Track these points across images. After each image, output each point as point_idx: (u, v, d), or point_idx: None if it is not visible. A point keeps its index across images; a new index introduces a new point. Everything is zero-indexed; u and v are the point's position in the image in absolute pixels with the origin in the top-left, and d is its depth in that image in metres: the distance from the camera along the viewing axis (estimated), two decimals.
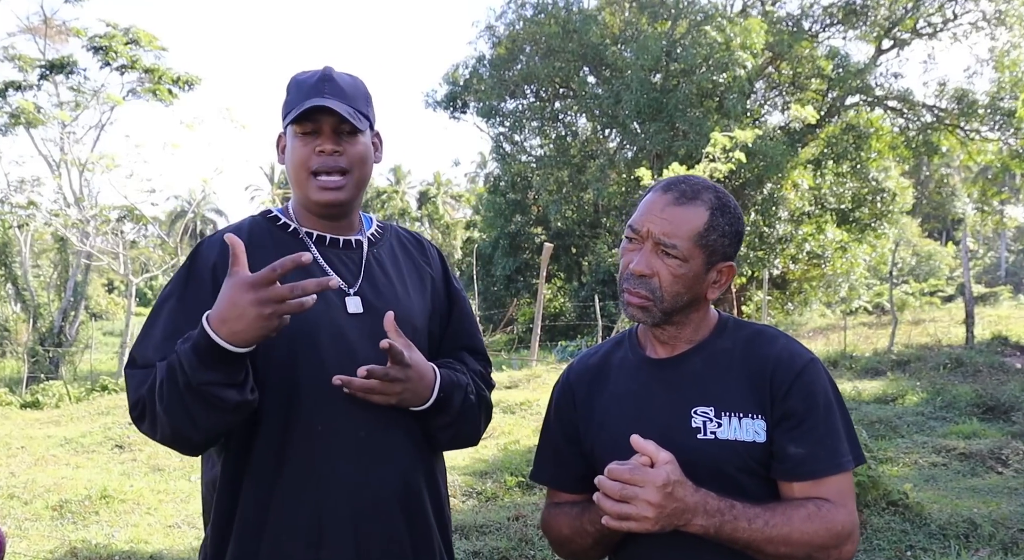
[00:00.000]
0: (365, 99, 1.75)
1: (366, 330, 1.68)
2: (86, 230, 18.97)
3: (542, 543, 4.65)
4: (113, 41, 20.56)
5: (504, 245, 25.27)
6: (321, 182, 1.69)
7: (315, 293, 1.48)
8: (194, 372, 1.48)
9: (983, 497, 5.64)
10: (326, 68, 1.73)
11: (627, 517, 1.36)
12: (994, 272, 45.06)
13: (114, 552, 4.71)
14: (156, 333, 1.64)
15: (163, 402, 1.52)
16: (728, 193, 1.60)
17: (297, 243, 1.74)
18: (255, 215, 1.82)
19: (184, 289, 1.68)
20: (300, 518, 1.62)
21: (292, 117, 1.67)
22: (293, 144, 1.72)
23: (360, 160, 1.72)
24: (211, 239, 1.75)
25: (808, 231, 22.54)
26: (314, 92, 1.68)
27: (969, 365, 10.93)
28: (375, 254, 1.81)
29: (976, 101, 22.50)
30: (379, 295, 1.74)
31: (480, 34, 25.72)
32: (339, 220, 1.77)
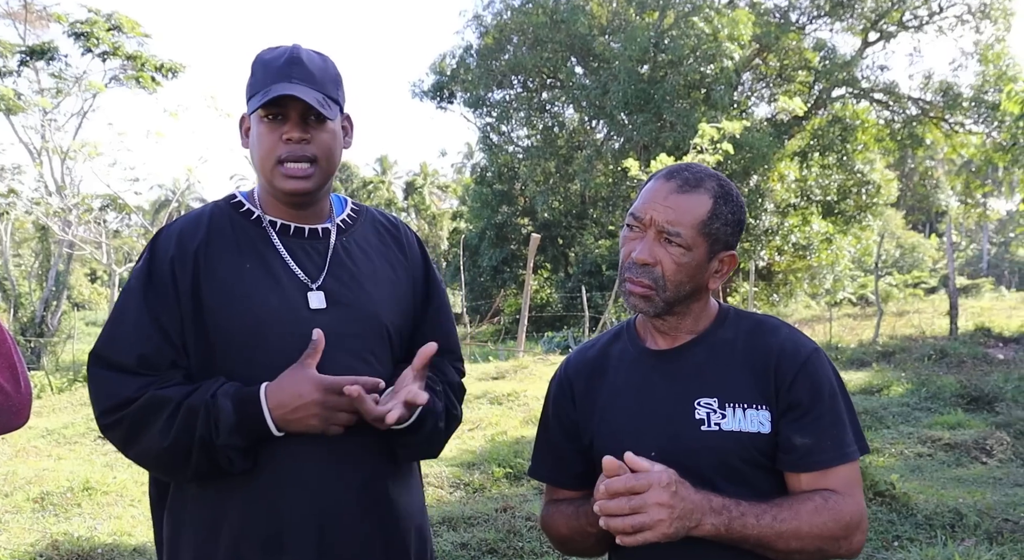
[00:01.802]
0: (335, 82, 1.66)
1: (328, 327, 1.59)
2: (68, 219, 18.76)
3: (530, 534, 4.63)
4: (95, 27, 20.32)
5: (491, 236, 25.24)
6: (287, 170, 1.60)
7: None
8: (228, 434, 1.49)
9: (968, 487, 5.67)
10: (294, 47, 1.64)
11: (641, 527, 1.32)
12: (976, 264, 45.45)
13: (97, 545, 4.65)
14: (124, 332, 1.58)
15: (167, 439, 1.50)
16: (730, 181, 1.57)
17: (259, 232, 1.66)
18: (218, 201, 1.73)
19: (145, 286, 1.60)
20: (259, 523, 1.56)
21: (257, 104, 1.58)
22: (258, 130, 1.62)
23: (328, 148, 1.64)
24: (167, 231, 1.67)
25: (794, 223, 22.63)
26: (281, 76, 1.59)
27: (953, 356, 11.01)
28: (344, 243, 1.71)
29: (961, 94, 22.65)
30: (344, 289, 1.65)
31: (467, 23, 25.68)
32: (305, 208, 1.68)
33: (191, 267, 1.59)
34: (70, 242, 19.54)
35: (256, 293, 1.59)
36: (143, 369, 1.54)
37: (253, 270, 1.61)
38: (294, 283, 1.62)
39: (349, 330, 1.61)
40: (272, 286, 1.61)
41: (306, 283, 1.63)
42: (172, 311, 1.57)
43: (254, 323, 1.57)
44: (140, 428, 1.52)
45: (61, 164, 20.33)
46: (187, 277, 1.59)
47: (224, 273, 1.60)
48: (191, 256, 1.60)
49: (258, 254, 1.63)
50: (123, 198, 19.12)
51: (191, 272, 1.59)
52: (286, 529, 1.56)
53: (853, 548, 1.46)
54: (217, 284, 1.59)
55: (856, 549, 1.47)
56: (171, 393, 1.52)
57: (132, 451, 1.56)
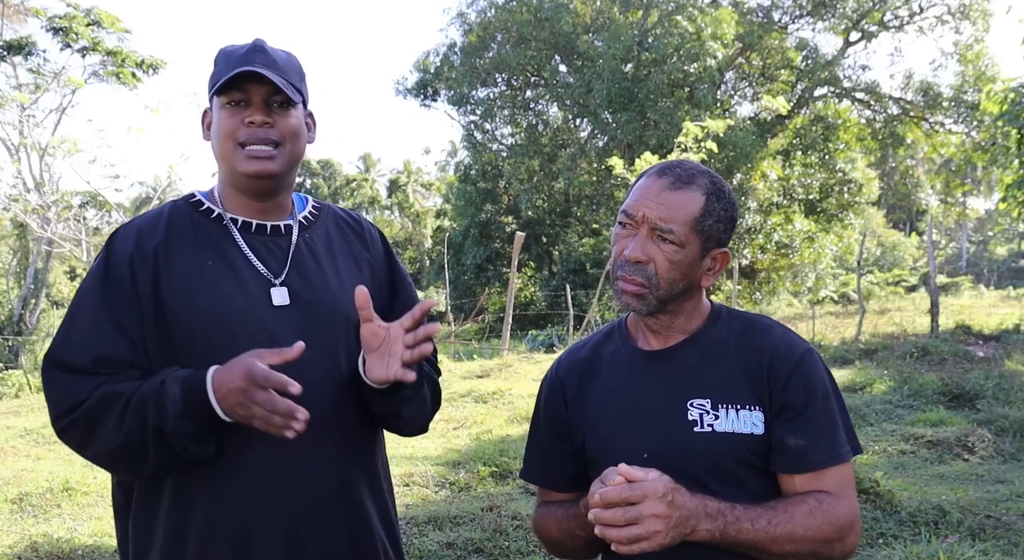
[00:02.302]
0: (299, 75, 1.63)
1: (292, 323, 1.56)
2: (47, 216, 18.59)
3: (516, 533, 4.61)
4: (74, 22, 20.11)
5: (475, 234, 25.21)
6: (250, 151, 1.56)
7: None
8: (177, 420, 1.44)
9: (951, 484, 5.71)
10: (257, 39, 1.61)
11: (637, 538, 1.30)
12: (955, 263, 45.91)
13: (77, 546, 4.59)
14: (80, 333, 1.54)
15: (121, 432, 1.46)
16: (722, 178, 1.55)
17: (220, 230, 1.62)
18: (177, 200, 1.69)
19: (103, 286, 1.56)
20: (226, 525, 1.53)
21: (220, 84, 1.54)
22: (220, 116, 1.58)
23: (293, 133, 1.59)
24: (125, 230, 1.63)
25: (776, 221, 22.75)
26: (243, 62, 1.55)
27: (934, 354, 11.09)
28: (307, 239, 1.68)
29: (941, 94, 22.86)
30: (308, 285, 1.62)
31: (451, 21, 25.67)
32: (268, 199, 1.64)
33: (151, 266, 1.56)
34: (49, 239, 19.35)
35: (218, 290, 1.56)
36: (100, 370, 1.51)
37: (214, 267, 1.58)
38: (257, 279, 1.59)
39: (313, 326, 1.58)
40: (234, 283, 1.57)
41: (269, 279, 1.60)
42: (132, 310, 1.54)
43: (217, 321, 1.53)
44: (95, 426, 1.48)
45: (40, 160, 20.12)
46: (147, 276, 1.56)
47: (185, 271, 1.57)
48: (150, 255, 1.57)
49: (220, 251, 1.60)
50: (103, 195, 18.96)
51: (151, 271, 1.56)
52: (254, 534, 1.53)
53: (847, 549, 1.45)
54: (178, 283, 1.56)
55: (849, 550, 1.46)
56: (123, 388, 1.48)
57: (90, 451, 1.52)
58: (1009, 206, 13.29)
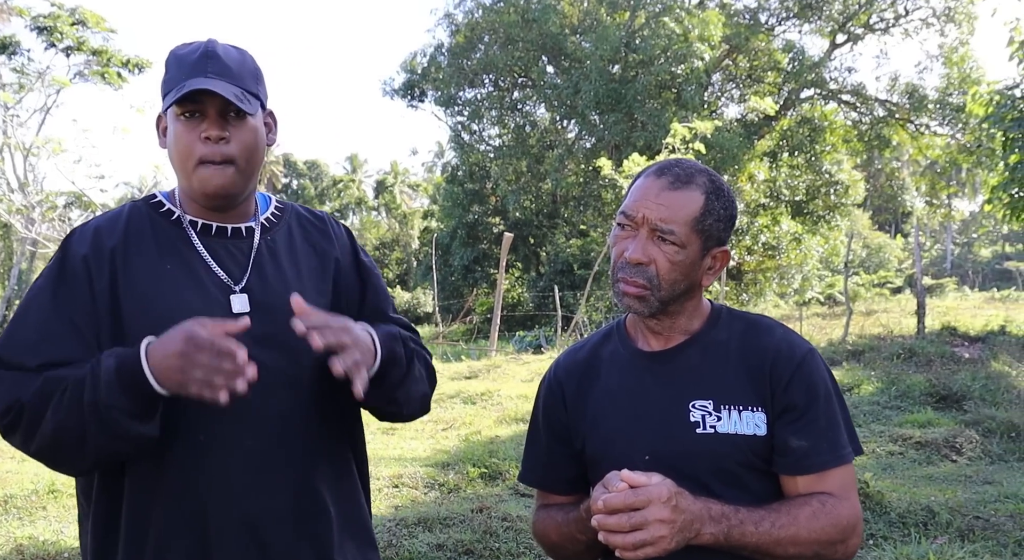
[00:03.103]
0: (254, 76, 1.59)
1: (252, 331, 1.47)
2: (31, 216, 18.43)
3: (507, 535, 4.59)
4: (58, 21, 19.97)
5: (462, 235, 25.18)
6: (207, 173, 1.52)
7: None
8: (109, 393, 1.38)
9: (939, 485, 5.73)
10: (209, 42, 1.57)
11: (642, 544, 1.29)
12: (940, 264, 46.24)
13: (63, 549, 4.54)
14: (27, 332, 1.50)
15: (58, 415, 1.41)
16: (720, 176, 1.54)
17: (179, 233, 1.59)
18: (136, 201, 1.66)
19: (56, 284, 1.53)
20: (183, 534, 1.50)
21: (172, 100, 1.50)
22: (175, 128, 1.54)
23: (250, 146, 1.56)
24: (83, 230, 1.60)
25: (763, 223, 22.82)
26: (196, 70, 1.51)
27: (921, 355, 11.13)
28: (268, 242, 1.64)
29: (926, 96, 23.01)
30: (268, 291, 1.58)
31: (439, 22, 25.60)
32: (226, 210, 1.61)
33: (107, 267, 1.53)
34: (33, 240, 19.18)
35: (176, 296, 1.52)
36: (44, 370, 1.46)
37: (173, 271, 1.55)
38: (216, 285, 1.56)
39: (274, 332, 1.53)
40: (193, 289, 1.54)
41: (229, 285, 1.57)
42: (86, 309, 1.51)
43: (172, 327, 1.48)
44: (35, 419, 1.43)
45: (24, 160, 19.95)
46: (103, 277, 1.52)
47: (143, 275, 1.54)
48: (107, 256, 1.54)
49: (179, 255, 1.57)
50: (88, 195, 18.82)
51: (107, 272, 1.53)
52: (213, 537, 1.50)
53: (849, 551, 1.44)
54: (135, 286, 1.52)
55: (852, 551, 1.45)
56: (66, 372, 1.43)
57: (33, 445, 1.46)
58: (994, 208, 13.37)
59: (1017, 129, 11.92)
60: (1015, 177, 12.23)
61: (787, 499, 1.45)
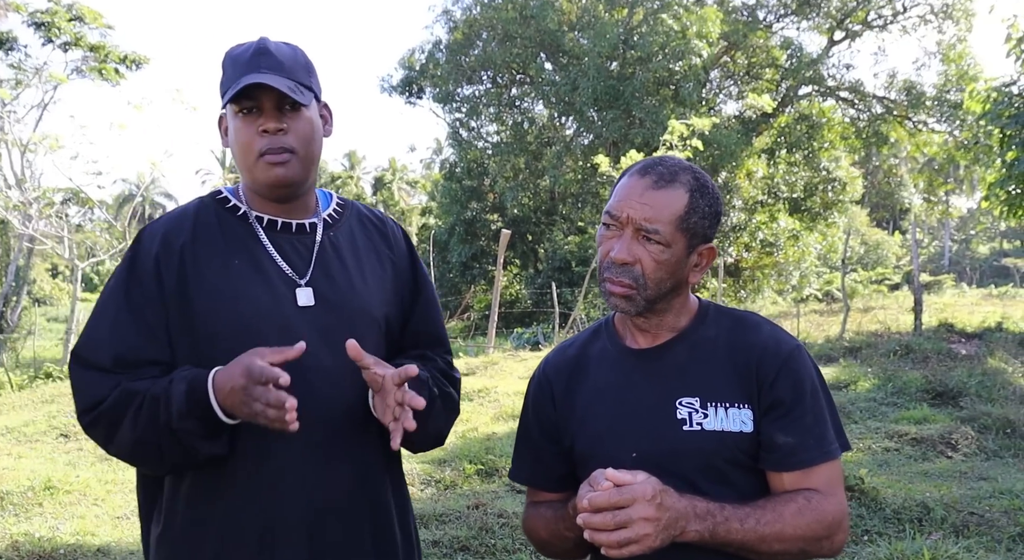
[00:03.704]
0: (306, 69, 1.63)
1: (317, 324, 1.57)
2: (28, 213, 18.40)
3: (502, 532, 4.60)
4: (55, 17, 19.93)
5: (460, 232, 25.17)
6: (267, 160, 1.57)
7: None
8: (180, 419, 1.45)
9: (934, 481, 5.74)
10: (261, 39, 1.61)
11: (627, 542, 1.29)
12: (938, 261, 46.26)
13: (59, 545, 4.55)
14: (102, 332, 1.56)
15: (136, 430, 1.49)
16: (705, 173, 1.54)
17: (246, 227, 1.63)
18: (204, 197, 1.71)
19: (128, 284, 1.58)
20: (248, 522, 1.54)
21: (229, 96, 1.55)
22: (235, 125, 1.60)
23: (307, 137, 1.60)
24: (152, 227, 1.65)
25: (761, 220, 22.83)
26: (250, 67, 1.56)
27: (918, 352, 11.15)
28: (331, 238, 1.68)
29: (924, 93, 23.01)
30: (333, 285, 1.63)
31: (437, 19, 25.63)
32: (291, 201, 1.65)
33: (176, 265, 1.57)
34: (30, 236, 19.16)
35: (244, 290, 1.57)
36: (119, 369, 1.53)
37: (241, 267, 1.59)
38: (282, 280, 1.60)
39: (337, 326, 1.59)
40: (260, 283, 1.59)
41: (294, 279, 1.61)
42: (157, 308, 1.56)
43: (242, 321, 1.55)
44: (114, 424, 1.51)
45: (21, 157, 19.92)
46: (172, 275, 1.57)
47: (211, 271, 1.58)
48: (177, 254, 1.58)
49: (246, 250, 1.61)
50: (85, 192, 18.79)
51: (176, 270, 1.57)
52: (277, 529, 1.54)
53: (835, 547, 1.44)
54: (204, 282, 1.57)
55: (838, 548, 1.45)
56: (140, 386, 1.50)
57: (113, 447, 1.55)
58: (991, 205, 13.38)
59: (1014, 126, 11.93)
60: (1012, 174, 12.23)
61: (773, 496, 1.45)
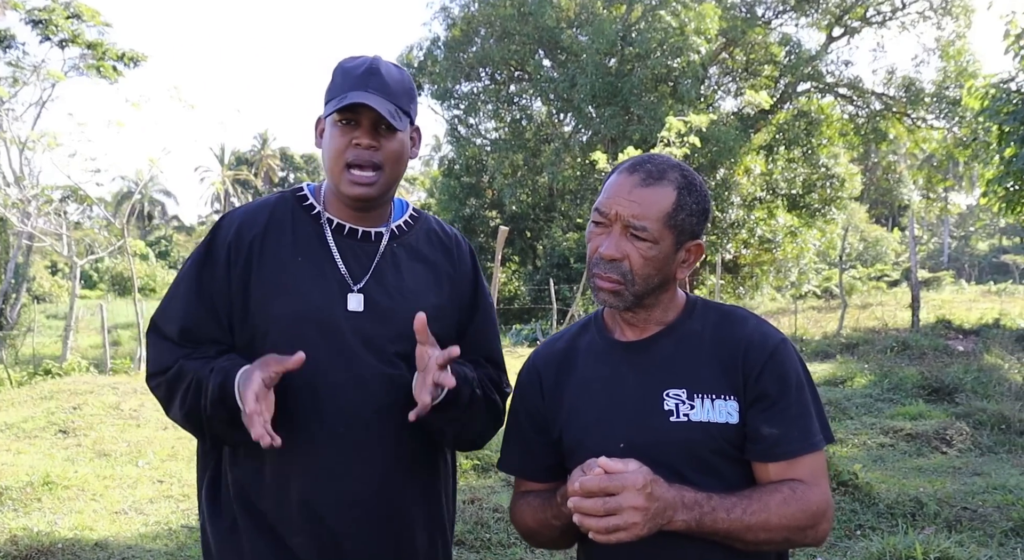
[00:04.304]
0: (409, 95, 1.72)
1: (362, 330, 1.65)
2: (27, 210, 18.40)
3: (497, 526, 4.63)
4: (53, 14, 19.91)
5: (458, 229, 24.99)
6: (353, 176, 1.67)
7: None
8: (212, 407, 1.58)
9: (928, 477, 5.76)
10: (375, 59, 1.71)
11: (615, 529, 1.32)
12: (937, 257, 46.29)
13: (57, 540, 4.57)
14: (175, 306, 1.70)
15: (184, 406, 1.63)
16: (693, 170, 1.57)
17: (316, 228, 1.72)
18: (285, 191, 1.81)
19: (201, 267, 1.70)
20: (276, 505, 1.65)
21: (333, 109, 1.65)
22: (331, 132, 1.69)
23: (395, 158, 1.70)
24: (230, 217, 1.76)
25: (759, 216, 22.83)
26: (359, 84, 1.65)
27: (915, 348, 11.18)
28: (394, 249, 1.76)
29: (923, 90, 22.98)
30: (383, 294, 1.70)
31: (435, 15, 25.54)
32: (366, 211, 1.74)
33: (245, 255, 1.68)
34: (29, 234, 19.17)
35: (300, 287, 1.66)
36: (184, 341, 1.67)
37: (303, 264, 1.68)
38: (338, 282, 1.68)
39: (382, 334, 1.66)
40: (316, 283, 1.67)
41: (348, 283, 1.68)
42: (223, 291, 1.67)
43: (292, 316, 1.64)
44: (171, 395, 1.65)
45: (20, 154, 19.90)
46: (240, 262, 1.68)
47: (275, 264, 1.68)
48: (247, 244, 1.69)
49: (311, 250, 1.70)
50: (84, 189, 18.77)
51: (244, 260, 1.68)
52: (298, 515, 1.64)
53: (819, 536, 1.47)
54: (266, 274, 1.67)
55: (822, 537, 1.48)
56: (193, 365, 1.63)
57: (169, 414, 1.70)
58: (990, 201, 13.39)
59: (1012, 122, 11.93)
60: (1010, 170, 12.24)
61: (759, 486, 1.47)
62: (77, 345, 18.63)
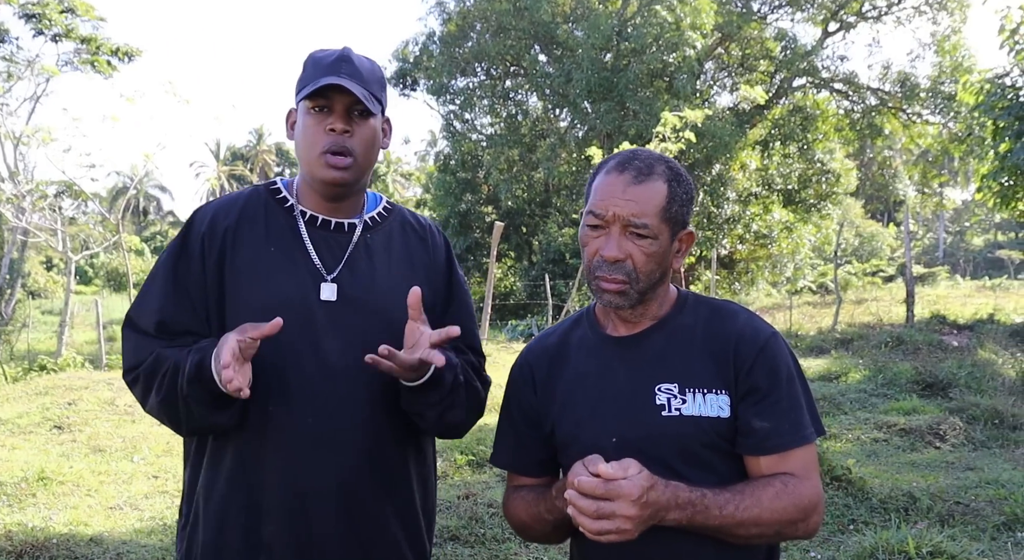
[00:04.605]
0: (380, 84, 1.74)
1: (336, 319, 1.66)
2: (22, 206, 18.35)
3: (492, 521, 4.64)
4: (47, 9, 19.82)
5: (454, 224, 25.14)
6: (328, 160, 1.67)
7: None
8: (190, 386, 1.56)
9: (922, 471, 5.79)
10: (345, 48, 1.72)
11: (606, 532, 1.33)
12: (932, 253, 46.37)
13: (52, 535, 4.57)
14: (150, 300, 1.70)
15: (161, 391, 1.61)
16: (673, 159, 1.59)
17: (289, 219, 1.73)
18: (259, 185, 1.82)
19: (176, 259, 1.71)
20: (241, 503, 1.65)
21: (307, 92, 1.65)
22: (304, 120, 1.70)
23: (369, 143, 1.71)
24: (204, 209, 1.77)
25: (755, 211, 22.85)
26: (331, 70, 1.66)
27: (909, 343, 11.22)
28: (368, 240, 1.76)
29: (918, 85, 22.99)
30: (358, 284, 1.70)
31: (430, 10, 25.50)
32: (340, 201, 1.75)
33: (219, 245, 1.69)
34: (24, 229, 19.13)
35: (272, 277, 1.67)
36: (161, 334, 1.67)
37: (275, 255, 1.69)
38: (310, 273, 1.69)
39: (356, 324, 1.67)
40: (289, 273, 1.68)
41: (321, 274, 1.69)
42: (198, 282, 1.68)
43: (265, 305, 1.63)
44: (148, 384, 1.64)
45: (14, 150, 19.84)
46: (214, 256, 1.69)
47: (247, 255, 1.69)
48: (220, 235, 1.70)
49: (284, 241, 1.71)
50: (79, 184, 18.73)
51: (218, 250, 1.69)
52: (265, 509, 1.64)
53: (810, 530, 1.48)
54: (239, 264, 1.68)
55: (813, 530, 1.49)
56: (171, 352, 1.63)
57: (147, 406, 1.68)
58: (985, 196, 13.42)
59: (1007, 117, 11.95)
60: (1005, 165, 12.27)
61: (751, 480, 1.48)
62: (72, 341, 18.60)
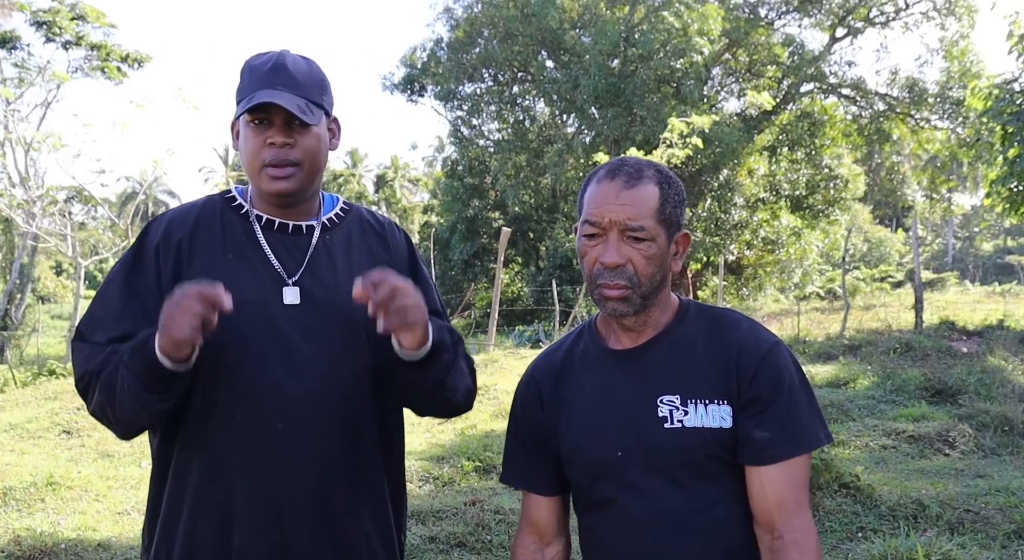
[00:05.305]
0: (320, 87, 1.70)
1: (299, 322, 1.63)
2: (32, 211, 18.44)
3: (498, 528, 4.63)
4: (58, 16, 19.96)
5: (461, 230, 25.17)
6: (271, 173, 1.65)
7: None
8: (129, 353, 1.53)
9: (931, 479, 5.76)
10: (280, 54, 1.68)
11: None
12: (941, 258, 46.20)
13: (60, 540, 4.59)
14: (102, 312, 1.67)
15: (103, 379, 1.57)
16: (662, 163, 1.60)
17: (245, 225, 1.71)
18: (215, 195, 1.79)
19: (130, 270, 1.68)
20: (210, 512, 1.62)
21: (242, 110, 1.64)
22: (245, 133, 1.68)
23: (312, 151, 1.68)
24: (159, 219, 1.74)
25: (763, 217, 22.80)
26: (265, 82, 1.63)
27: (918, 349, 11.15)
28: (327, 241, 1.74)
29: (926, 90, 22.93)
30: (318, 286, 1.68)
31: (438, 16, 25.53)
32: (292, 207, 1.72)
33: (174, 256, 1.66)
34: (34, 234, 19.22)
35: (233, 284, 1.60)
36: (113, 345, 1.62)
37: (234, 262, 1.67)
38: (272, 277, 1.66)
39: (320, 326, 1.64)
40: (249, 278, 1.65)
41: (283, 277, 1.66)
42: (153, 293, 1.63)
43: (227, 314, 1.58)
44: (98, 378, 1.60)
45: (25, 155, 19.96)
46: (169, 266, 1.66)
47: (205, 263, 1.66)
48: (175, 245, 1.67)
49: (241, 247, 1.69)
50: (89, 190, 18.81)
51: (173, 261, 1.66)
52: (237, 516, 1.61)
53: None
54: (196, 273, 1.64)
55: None
56: (120, 347, 1.59)
57: (92, 405, 1.63)
58: (994, 202, 13.37)
59: (1016, 123, 11.91)
60: (1014, 171, 12.22)
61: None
62: None
